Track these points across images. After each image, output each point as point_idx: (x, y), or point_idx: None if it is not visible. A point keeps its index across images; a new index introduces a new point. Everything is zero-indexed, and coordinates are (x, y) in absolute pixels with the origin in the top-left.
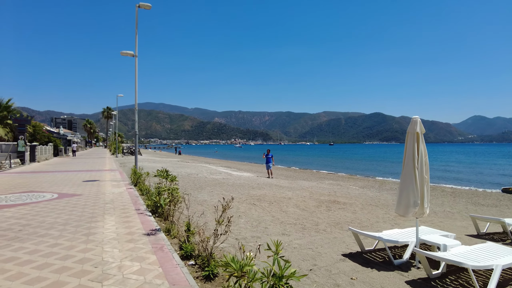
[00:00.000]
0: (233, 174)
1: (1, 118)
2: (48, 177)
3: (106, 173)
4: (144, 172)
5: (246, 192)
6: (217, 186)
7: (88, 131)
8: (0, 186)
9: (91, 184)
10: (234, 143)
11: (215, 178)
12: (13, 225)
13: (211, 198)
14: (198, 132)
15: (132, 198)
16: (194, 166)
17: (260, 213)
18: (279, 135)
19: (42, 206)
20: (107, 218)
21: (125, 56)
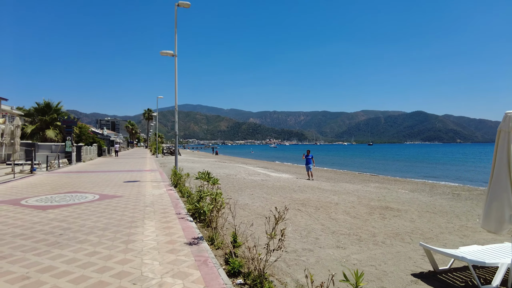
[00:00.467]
0: (272, 175)
1: (51, 120)
2: (91, 177)
3: (146, 174)
4: (184, 173)
5: (289, 196)
6: (257, 188)
7: (130, 132)
8: (49, 186)
9: (131, 185)
10: (269, 143)
11: (254, 180)
12: (55, 228)
13: (252, 202)
14: (234, 132)
15: (173, 200)
16: (231, 167)
17: (307, 220)
18: (315, 135)
19: (84, 208)
20: (147, 223)
21: (165, 56)
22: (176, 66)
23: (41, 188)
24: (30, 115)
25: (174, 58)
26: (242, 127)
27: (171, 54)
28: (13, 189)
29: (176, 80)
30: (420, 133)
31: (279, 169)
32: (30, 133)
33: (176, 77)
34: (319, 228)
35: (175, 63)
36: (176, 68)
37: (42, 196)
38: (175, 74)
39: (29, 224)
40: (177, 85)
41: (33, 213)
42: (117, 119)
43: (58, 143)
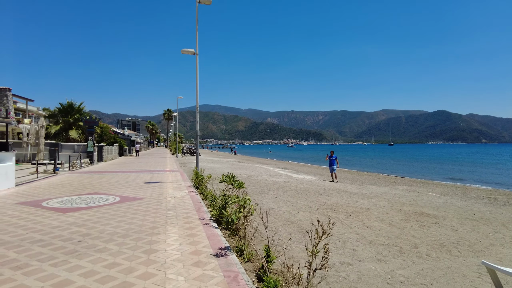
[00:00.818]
0: (294, 176)
1: (74, 120)
2: (112, 178)
3: (167, 174)
4: (206, 175)
5: (315, 200)
6: (280, 191)
7: (150, 132)
8: (70, 186)
9: (152, 186)
10: (286, 143)
11: (276, 181)
12: (74, 234)
13: (278, 206)
14: (251, 132)
15: (195, 204)
16: (251, 167)
17: (340, 228)
18: (334, 135)
19: (104, 211)
20: (169, 229)
21: (185, 54)
22: (197, 64)
23: (63, 188)
24: (54, 116)
25: (195, 56)
26: (260, 127)
27: (192, 52)
28: (36, 189)
29: (197, 79)
30: (443, 133)
31: (300, 170)
32: (54, 133)
33: (197, 75)
34: (354, 237)
35: (196, 61)
36: (197, 66)
37: (63, 197)
38: (196, 72)
39: (48, 228)
40: (198, 84)
41: (53, 216)
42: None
43: (80, 143)
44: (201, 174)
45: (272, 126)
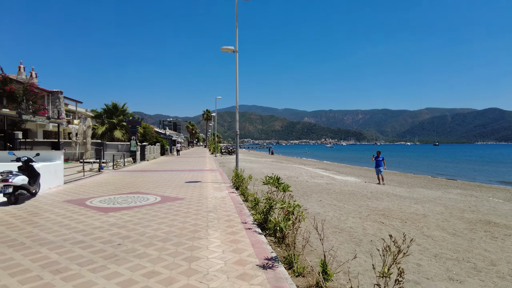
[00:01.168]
0: (336, 178)
1: (118, 121)
2: (154, 177)
3: (207, 174)
4: (246, 175)
5: (364, 204)
6: (324, 193)
7: (190, 132)
8: (113, 185)
9: (193, 186)
10: (324, 143)
11: (318, 183)
12: (114, 236)
13: (324, 211)
14: (288, 132)
15: (236, 205)
16: (291, 168)
17: (397, 237)
18: (374, 135)
19: (145, 211)
20: (211, 233)
21: (225, 52)
22: (237, 62)
23: (106, 187)
24: (100, 117)
25: (235, 54)
26: (297, 126)
27: (232, 50)
28: (82, 187)
29: (237, 76)
30: (494, 132)
31: (341, 171)
32: (101, 133)
33: (237, 73)
34: (415, 248)
35: (236, 58)
36: (237, 64)
37: (106, 196)
38: (235, 70)
39: (89, 229)
40: (237, 81)
41: (95, 216)
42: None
43: (124, 143)
44: (241, 174)
45: (309, 125)
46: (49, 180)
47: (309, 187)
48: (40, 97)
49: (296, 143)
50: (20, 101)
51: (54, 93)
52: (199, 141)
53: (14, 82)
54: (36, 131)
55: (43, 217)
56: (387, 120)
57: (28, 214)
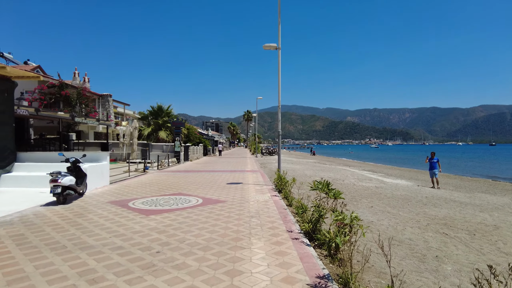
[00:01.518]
0: (386, 181)
1: (163, 122)
2: (196, 178)
3: (248, 175)
4: (289, 177)
5: (421, 211)
6: (374, 198)
7: (231, 133)
8: (156, 186)
9: (234, 188)
10: (369, 143)
11: (367, 186)
12: (153, 242)
13: (377, 219)
14: (330, 132)
15: (280, 211)
16: (335, 169)
17: (468, 254)
18: (422, 134)
19: (186, 215)
20: (254, 243)
21: (267, 49)
22: (279, 59)
23: (150, 188)
24: (146, 118)
25: (278, 51)
26: (339, 126)
27: (275, 47)
28: (126, 188)
29: (280, 74)
30: None
31: (390, 173)
32: (147, 134)
33: (280, 71)
34: None
35: (279, 56)
36: (280, 61)
37: (149, 198)
38: (278, 68)
39: (129, 233)
40: (280, 79)
41: (136, 218)
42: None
43: (168, 143)
44: (284, 177)
45: (352, 125)
46: (96, 181)
47: (357, 191)
48: (92, 100)
49: (339, 143)
50: (74, 105)
51: (104, 96)
52: (240, 141)
53: (69, 87)
54: (88, 132)
55: (87, 218)
56: (436, 118)
57: (73, 215)
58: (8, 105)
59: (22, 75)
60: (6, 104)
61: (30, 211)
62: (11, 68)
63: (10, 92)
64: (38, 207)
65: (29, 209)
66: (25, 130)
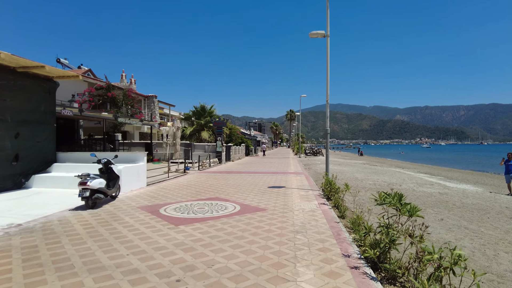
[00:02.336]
0: (449, 186)
1: (205, 122)
2: (236, 179)
3: (291, 177)
4: (339, 182)
5: (511, 228)
6: (441, 208)
7: (274, 133)
8: (194, 188)
9: (276, 193)
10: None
11: (429, 193)
12: (175, 265)
13: (454, 238)
14: (377, 131)
15: (331, 224)
16: (388, 172)
17: None
18: (480, 133)
19: (219, 226)
20: (301, 273)
21: (314, 37)
22: (328, 48)
23: (187, 190)
24: (189, 118)
25: (326, 39)
26: (387, 125)
27: (322, 34)
28: (162, 190)
29: (328, 64)
30: None
31: (451, 177)
32: (189, 134)
33: (328, 61)
34: None
35: (327, 45)
36: (328, 50)
37: (183, 203)
38: (326, 58)
39: (151, 250)
40: (329, 70)
41: (163, 229)
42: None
43: (210, 143)
44: (334, 181)
45: (401, 123)
46: (131, 182)
47: (419, 198)
48: (137, 101)
49: (387, 143)
50: (120, 106)
51: (150, 98)
52: (283, 141)
53: (116, 89)
54: (133, 133)
55: (110, 228)
56: (497, 116)
57: (97, 222)
58: (50, 105)
59: (63, 75)
60: (48, 104)
61: (56, 216)
62: (50, 68)
63: (52, 92)
64: (66, 212)
65: (57, 213)
66: (75, 131)
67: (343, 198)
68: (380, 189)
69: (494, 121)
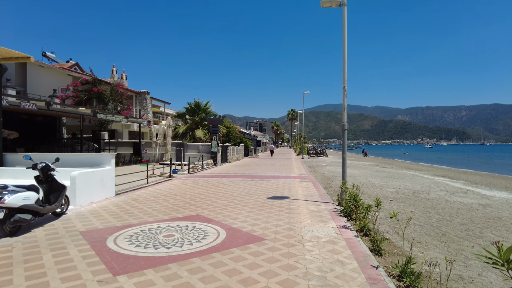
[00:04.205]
0: (486, 194)
1: (200, 120)
2: (230, 186)
3: (296, 183)
4: (363, 194)
5: None
6: (501, 229)
7: (275, 133)
8: (173, 201)
9: (278, 207)
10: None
11: (467, 204)
12: None
13: None
14: (379, 131)
15: (365, 270)
16: (405, 176)
17: None
18: (482, 133)
19: (184, 278)
20: None
21: (328, 7)
22: (345, 18)
23: (162, 204)
24: (182, 116)
25: (342, 8)
26: (389, 125)
27: (338, 3)
28: (132, 203)
29: (345, 41)
30: None
31: (475, 181)
32: (182, 133)
33: (345, 34)
34: None
35: (344, 14)
36: (345, 20)
37: (148, 225)
38: (343, 31)
39: None
40: (346, 48)
41: (90, 286)
42: (264, 121)
43: (205, 143)
44: (358, 195)
45: (403, 124)
46: (92, 192)
47: (460, 214)
48: (127, 97)
49: (388, 143)
50: (107, 102)
51: (142, 94)
52: (284, 141)
53: (102, 83)
54: (122, 131)
55: (17, 274)
56: (498, 116)
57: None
58: None
59: (7, 56)
60: None
61: None
62: None
63: None
64: None
65: None
66: (57, 129)
67: (369, 216)
68: (405, 199)
69: (496, 121)
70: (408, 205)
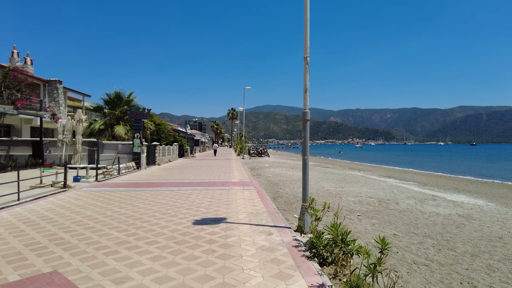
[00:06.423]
0: (459, 201)
1: (122, 114)
2: (144, 201)
3: (236, 192)
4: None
5: None
6: (500, 257)
7: (215, 132)
8: (35, 233)
9: (207, 243)
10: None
11: (446, 216)
12: None
13: None
14: (313, 132)
15: None
16: (356, 179)
17: None
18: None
19: None
20: None
21: None
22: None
23: (14, 244)
24: (99, 109)
25: None
26: (322, 126)
27: None
28: None
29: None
30: None
31: (438, 184)
32: (98, 129)
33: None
34: None
35: None
36: None
37: None
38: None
39: None
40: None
41: None
42: (204, 120)
43: (127, 142)
44: (339, 226)
45: (335, 125)
46: None
47: (454, 235)
48: (30, 86)
49: (322, 143)
50: None
51: (51, 83)
52: (224, 141)
53: None
54: (21, 127)
55: None
56: (417, 119)
57: None
58: None
59: None
60: None
61: None
62: None
63: None
64: None
65: None
66: None
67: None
68: (374, 212)
69: (415, 123)
70: (383, 222)
